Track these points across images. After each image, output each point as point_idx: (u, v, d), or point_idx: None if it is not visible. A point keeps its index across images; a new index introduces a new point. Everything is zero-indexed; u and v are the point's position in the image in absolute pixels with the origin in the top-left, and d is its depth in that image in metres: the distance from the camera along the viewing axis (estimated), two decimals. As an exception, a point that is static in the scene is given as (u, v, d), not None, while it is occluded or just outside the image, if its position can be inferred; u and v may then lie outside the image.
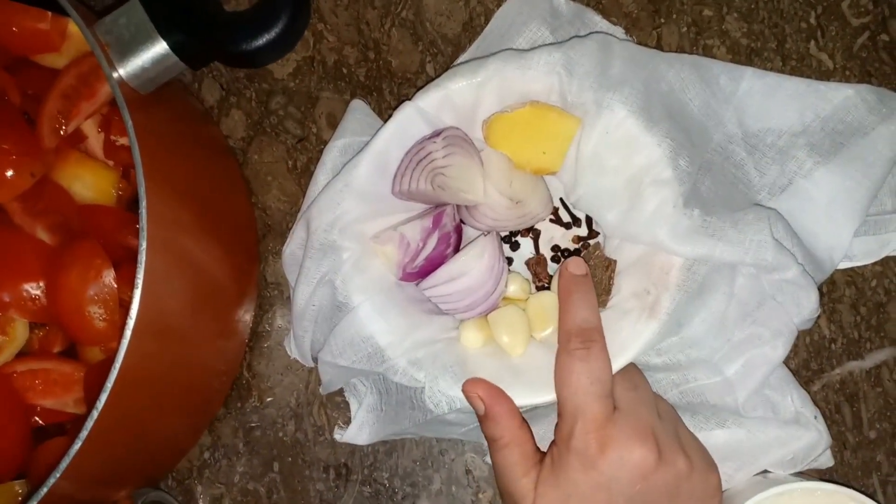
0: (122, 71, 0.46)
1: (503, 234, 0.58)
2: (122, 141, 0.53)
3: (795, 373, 0.56)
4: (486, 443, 0.55)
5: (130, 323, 0.43)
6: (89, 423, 0.42)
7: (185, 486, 0.61)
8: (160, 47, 0.46)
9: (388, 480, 0.60)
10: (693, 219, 0.49)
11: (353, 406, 0.58)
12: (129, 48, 0.46)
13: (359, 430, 0.57)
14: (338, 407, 0.60)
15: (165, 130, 0.51)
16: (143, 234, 0.44)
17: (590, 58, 0.51)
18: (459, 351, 0.53)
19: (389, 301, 0.52)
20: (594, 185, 0.52)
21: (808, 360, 0.59)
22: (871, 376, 0.59)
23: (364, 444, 0.58)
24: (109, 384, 0.42)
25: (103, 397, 0.42)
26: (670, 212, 0.49)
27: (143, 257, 0.43)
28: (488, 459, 0.58)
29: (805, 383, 0.58)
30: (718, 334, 0.52)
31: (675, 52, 0.59)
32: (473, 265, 0.53)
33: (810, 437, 0.53)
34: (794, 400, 0.53)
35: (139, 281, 0.43)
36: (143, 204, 0.44)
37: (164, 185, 0.47)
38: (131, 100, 0.45)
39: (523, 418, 0.50)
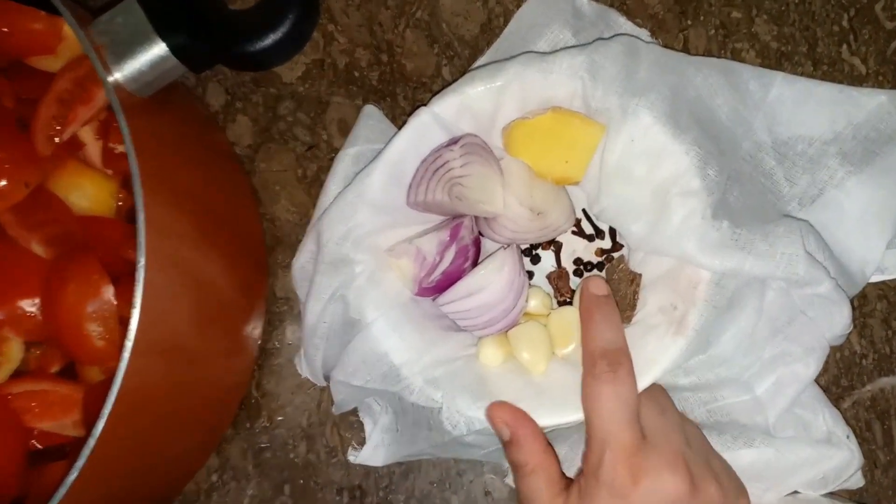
0: (119, 74, 0.44)
1: (523, 246, 0.56)
2: (121, 148, 0.50)
3: (825, 389, 0.54)
4: (506, 463, 0.53)
5: (129, 343, 0.41)
6: (87, 449, 0.40)
7: None
8: (159, 48, 0.44)
9: (404, 503, 0.58)
10: (722, 231, 0.47)
11: (368, 426, 0.56)
12: (126, 50, 0.44)
13: (374, 452, 0.55)
14: (351, 427, 0.58)
15: (167, 137, 0.49)
16: (142, 248, 0.42)
17: (614, 61, 0.50)
18: (478, 369, 0.51)
19: (405, 317, 0.51)
20: (619, 196, 0.50)
21: (838, 377, 0.57)
22: (903, 393, 0.57)
23: (379, 465, 0.56)
24: (108, 407, 0.40)
25: (102, 421, 0.40)
26: (698, 223, 0.47)
27: (141, 272, 0.41)
28: (508, 481, 0.56)
29: (835, 400, 0.56)
30: (748, 352, 0.50)
31: (703, 55, 0.57)
32: (492, 280, 0.51)
33: (842, 457, 0.51)
34: (826, 419, 0.52)
35: (138, 298, 0.41)
36: (141, 216, 0.42)
37: (166, 195, 0.45)
38: (129, 105, 0.43)
39: (548, 441, 0.47)
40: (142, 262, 0.41)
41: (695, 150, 0.48)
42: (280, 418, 0.59)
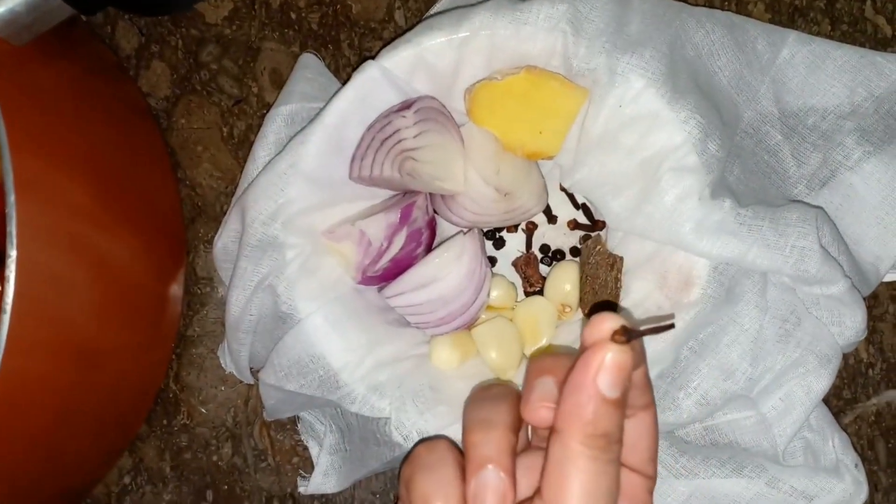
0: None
1: (486, 229, 0.50)
2: None
3: (825, 402, 0.48)
4: None
5: (1, 340, 0.37)
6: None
7: None
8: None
9: (342, 515, 0.52)
10: (724, 212, 0.42)
11: (314, 450, 0.51)
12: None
13: (324, 478, 0.50)
14: (284, 428, 0.52)
15: (57, 89, 0.45)
16: (12, 220, 0.37)
17: (602, 12, 0.44)
18: (431, 372, 0.46)
19: (345, 312, 0.45)
20: (599, 168, 0.45)
21: (840, 388, 0.52)
22: (912, 408, 0.52)
23: (333, 492, 0.50)
24: None
25: None
26: (695, 205, 0.42)
27: (13, 252, 0.37)
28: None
29: (835, 414, 0.50)
30: (756, 360, 0.44)
31: (704, 6, 0.51)
32: (449, 269, 0.45)
33: (843, 491, 0.45)
34: (836, 445, 0.46)
35: (10, 287, 0.37)
36: (9, 180, 0.37)
37: (53, 160, 0.41)
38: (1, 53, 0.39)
39: None
40: (13, 242, 0.37)
41: (695, 120, 0.43)
42: (202, 414, 0.53)
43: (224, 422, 0.53)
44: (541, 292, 0.49)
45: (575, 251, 0.50)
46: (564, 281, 0.47)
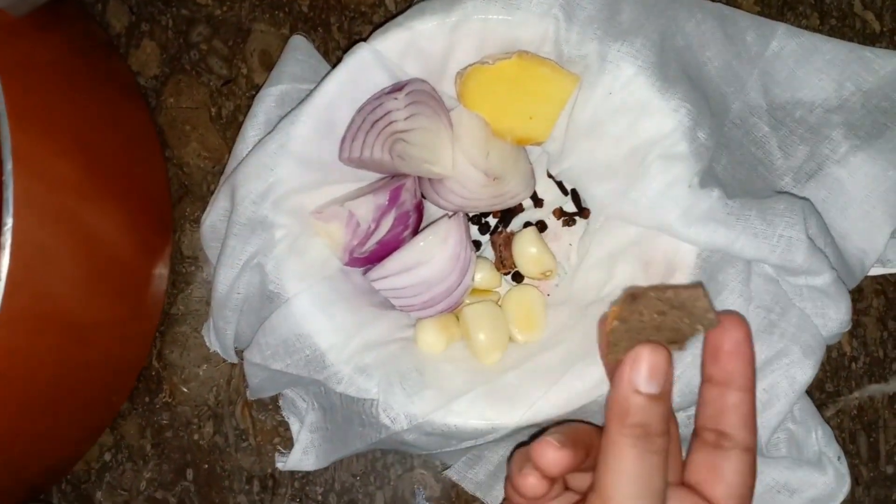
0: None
1: (472, 213, 0.50)
2: None
3: (808, 395, 0.48)
4: (441, 458, 0.49)
5: None
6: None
7: (82, 491, 0.53)
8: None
9: (322, 496, 0.52)
10: (712, 201, 0.42)
11: (294, 426, 0.50)
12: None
13: (303, 456, 0.49)
14: (266, 409, 0.52)
15: (50, 63, 0.44)
16: (9, 192, 0.37)
17: None
18: (416, 355, 0.46)
19: (332, 292, 0.45)
20: (587, 155, 0.45)
21: (822, 381, 0.51)
22: (894, 402, 0.52)
23: (311, 469, 0.50)
24: None
25: None
26: (684, 193, 0.42)
27: (9, 223, 0.37)
28: (442, 475, 0.50)
29: (818, 407, 0.50)
30: None
31: None
32: (434, 253, 0.45)
33: (826, 484, 0.45)
34: (819, 437, 0.46)
35: (4, 259, 0.36)
36: (8, 153, 0.37)
37: (44, 132, 0.40)
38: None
39: None
40: (9, 210, 0.36)
41: (685, 108, 0.43)
42: (184, 391, 0.53)
43: (206, 401, 0.52)
44: (517, 278, 0.49)
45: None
46: (528, 245, 0.47)
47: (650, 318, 0.33)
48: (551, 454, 0.34)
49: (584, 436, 0.36)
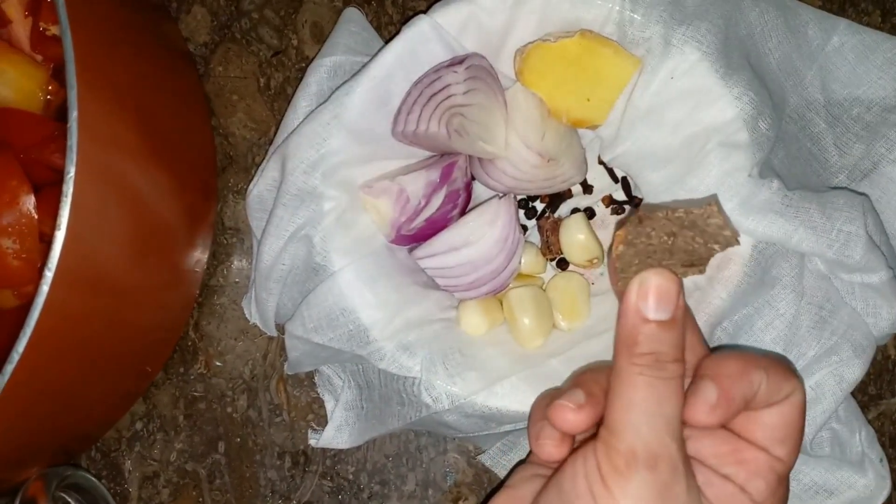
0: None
1: (519, 196, 0.49)
2: (55, 30, 0.46)
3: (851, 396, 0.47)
4: (476, 442, 0.49)
5: (52, 266, 0.36)
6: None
7: (112, 459, 0.52)
8: None
9: (353, 475, 0.51)
10: (772, 192, 0.41)
11: (329, 404, 0.50)
12: None
13: (337, 433, 0.48)
14: (301, 384, 0.51)
15: (108, 21, 0.43)
16: (73, 153, 0.36)
17: None
18: (459, 336, 0.45)
19: (377, 268, 0.44)
20: (643, 142, 0.44)
21: (865, 384, 0.51)
22: (937, 406, 0.51)
23: (345, 447, 0.49)
24: (21, 345, 0.36)
25: (15, 356, 0.36)
26: (743, 182, 0.42)
27: (70, 183, 0.36)
28: (475, 461, 0.50)
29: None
30: (790, 346, 0.43)
31: None
32: (483, 234, 0.45)
33: (866, 486, 0.45)
34: (862, 438, 0.45)
35: (64, 214, 0.36)
36: (74, 114, 0.36)
37: (103, 92, 0.39)
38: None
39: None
40: (71, 170, 0.36)
41: (748, 97, 0.42)
42: (219, 365, 0.52)
43: (241, 374, 0.52)
44: (563, 264, 0.48)
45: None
46: (576, 231, 0.46)
47: (659, 240, 0.32)
48: (570, 417, 0.33)
49: (602, 381, 0.34)
